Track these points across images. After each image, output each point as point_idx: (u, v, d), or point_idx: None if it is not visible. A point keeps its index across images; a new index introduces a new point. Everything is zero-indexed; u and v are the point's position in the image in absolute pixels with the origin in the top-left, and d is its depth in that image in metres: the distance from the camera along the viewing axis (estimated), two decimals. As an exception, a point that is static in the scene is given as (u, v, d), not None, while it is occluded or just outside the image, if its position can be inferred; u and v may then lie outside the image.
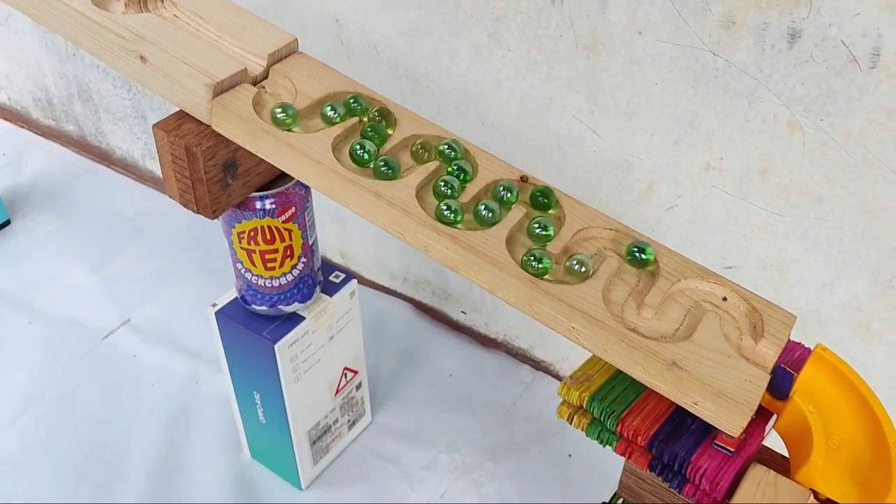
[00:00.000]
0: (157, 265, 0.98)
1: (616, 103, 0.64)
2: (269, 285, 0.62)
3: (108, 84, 1.04)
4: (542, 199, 0.49)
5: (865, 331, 0.62)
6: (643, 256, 0.47)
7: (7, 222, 1.03)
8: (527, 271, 0.46)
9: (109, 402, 0.82)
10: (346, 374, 0.73)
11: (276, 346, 0.63)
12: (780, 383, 0.43)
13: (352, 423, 0.77)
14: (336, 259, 0.97)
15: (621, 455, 0.45)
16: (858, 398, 0.43)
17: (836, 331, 0.63)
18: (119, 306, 0.93)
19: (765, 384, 0.43)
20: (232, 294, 0.66)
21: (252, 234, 0.59)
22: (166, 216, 1.05)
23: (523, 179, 0.51)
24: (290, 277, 0.62)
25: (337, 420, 0.75)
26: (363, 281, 0.95)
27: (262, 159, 0.52)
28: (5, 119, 1.22)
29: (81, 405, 0.82)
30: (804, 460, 0.42)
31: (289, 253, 0.61)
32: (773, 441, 0.46)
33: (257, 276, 0.62)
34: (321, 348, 0.68)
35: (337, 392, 0.73)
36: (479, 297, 0.86)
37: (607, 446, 0.46)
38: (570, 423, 0.47)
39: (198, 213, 0.55)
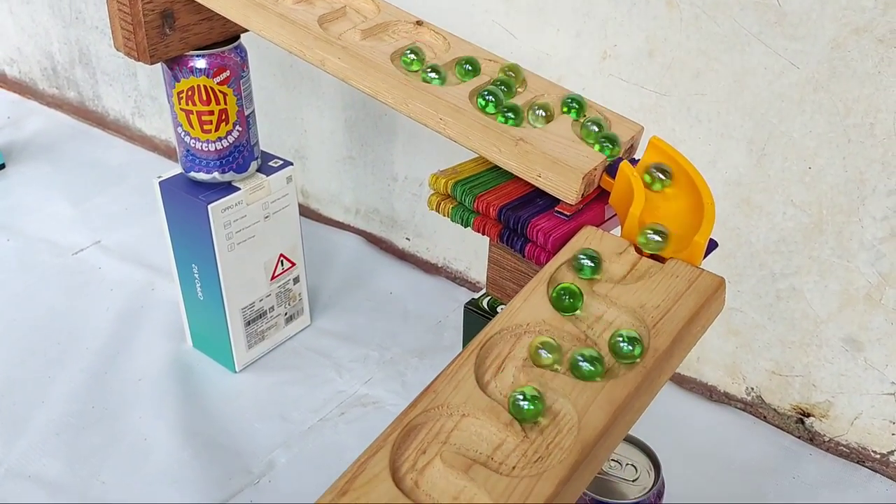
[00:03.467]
0: (133, 203, 1.06)
1: (527, 1, 0.71)
2: (206, 149, 0.69)
3: (105, 45, 1.14)
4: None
5: (747, 205, 0.67)
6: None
7: (2, 166, 1.12)
8: (402, 70, 0.52)
9: (70, 300, 0.88)
10: (282, 262, 0.79)
11: (209, 207, 0.69)
12: (614, 164, 0.49)
13: (289, 318, 0.82)
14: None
15: (477, 231, 0.50)
16: (684, 175, 0.48)
17: (721, 209, 0.68)
18: (92, 231, 1.00)
19: (599, 161, 0.49)
20: (176, 170, 0.73)
21: (189, 93, 0.66)
22: (146, 166, 1.14)
23: (418, 23, 0.58)
24: (225, 143, 0.69)
25: (273, 308, 0.80)
26: (321, 218, 1.02)
27: (200, 19, 0.59)
28: (15, 91, 1.33)
29: (44, 301, 0.88)
30: (627, 219, 0.47)
31: (224, 117, 0.68)
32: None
33: (195, 139, 0.68)
34: (256, 224, 0.74)
35: (273, 277, 0.78)
36: (420, 222, 0.92)
37: (468, 227, 0.51)
38: (438, 211, 0.52)
39: (138, 59, 0.62)
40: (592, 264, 0.44)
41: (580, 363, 0.39)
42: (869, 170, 0.60)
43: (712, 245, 0.48)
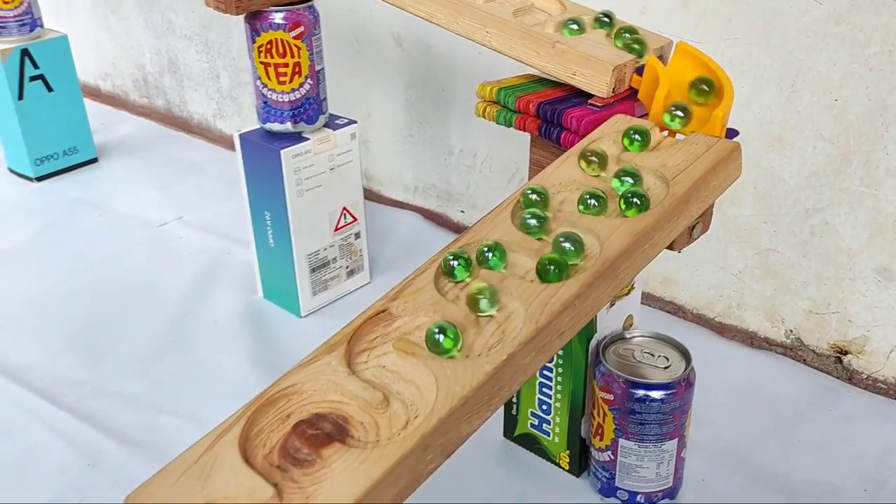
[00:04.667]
0: (212, 189, 1.15)
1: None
2: (281, 100, 0.77)
3: (192, 51, 1.26)
4: None
5: (779, 143, 0.71)
6: None
7: (95, 159, 1.23)
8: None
9: (155, 261, 0.97)
10: (345, 215, 0.85)
11: (282, 152, 0.77)
12: (643, 66, 0.54)
13: (350, 272, 0.89)
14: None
15: (518, 128, 0.56)
16: (706, 67, 0.53)
17: (756, 150, 0.72)
18: (175, 210, 1.09)
19: (629, 59, 0.54)
20: (255, 125, 0.81)
21: (268, 46, 0.75)
22: (225, 161, 1.23)
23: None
24: (297, 95, 0.77)
25: (336, 259, 0.86)
26: (382, 199, 1.09)
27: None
28: (107, 104, 1.46)
29: (131, 262, 0.97)
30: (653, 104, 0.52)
31: (297, 70, 0.76)
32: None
33: (271, 90, 0.77)
34: (322, 175, 0.81)
35: (336, 229, 0.85)
36: (474, 194, 0.98)
37: (510, 127, 0.57)
38: (484, 116, 0.58)
39: (225, 11, 0.71)
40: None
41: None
42: (890, 97, 0.64)
43: (733, 133, 0.53)
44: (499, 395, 0.38)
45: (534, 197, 0.46)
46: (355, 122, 0.83)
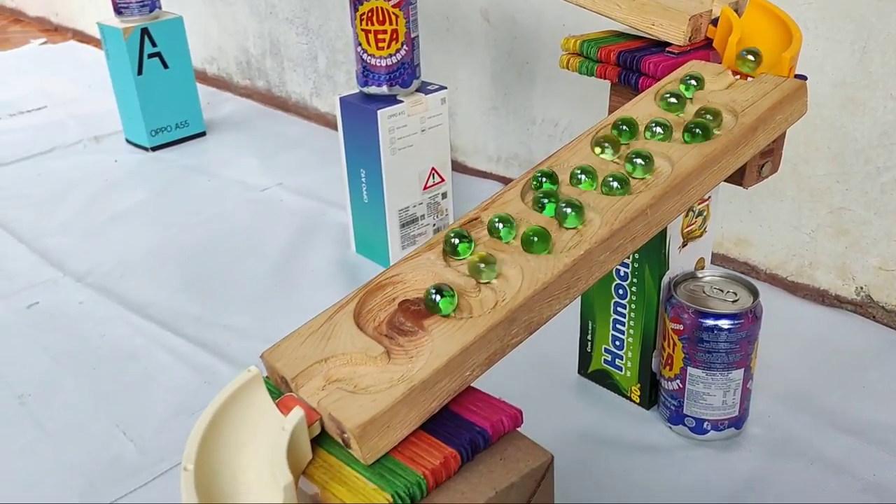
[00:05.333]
0: (309, 160, 1.23)
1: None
2: (379, 64, 0.84)
3: (293, 34, 1.35)
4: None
5: (852, 103, 0.74)
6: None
7: (203, 133, 1.33)
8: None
9: (257, 220, 1.05)
10: (433, 175, 0.92)
11: (378, 112, 0.84)
12: (718, 18, 0.59)
13: (437, 230, 0.95)
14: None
15: (599, 77, 0.61)
16: (777, 18, 0.57)
17: (829, 110, 0.75)
18: (275, 177, 1.18)
19: (706, 9, 0.58)
20: (355, 90, 0.89)
21: (369, 14, 0.82)
22: (320, 136, 1.32)
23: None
24: (394, 60, 0.84)
25: (423, 216, 0.93)
26: (466, 170, 1.15)
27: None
28: (212, 86, 1.57)
29: (235, 220, 1.06)
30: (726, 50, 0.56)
31: (395, 36, 0.83)
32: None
33: (371, 55, 0.84)
34: (414, 135, 0.88)
35: (425, 188, 0.91)
36: (555, 163, 1.03)
37: (591, 76, 0.62)
38: (567, 67, 0.63)
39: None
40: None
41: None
42: (964, 54, 0.66)
43: (801, 77, 0.56)
44: (576, 286, 0.44)
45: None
46: (445, 87, 0.90)
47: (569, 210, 0.45)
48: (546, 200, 0.47)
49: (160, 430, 0.69)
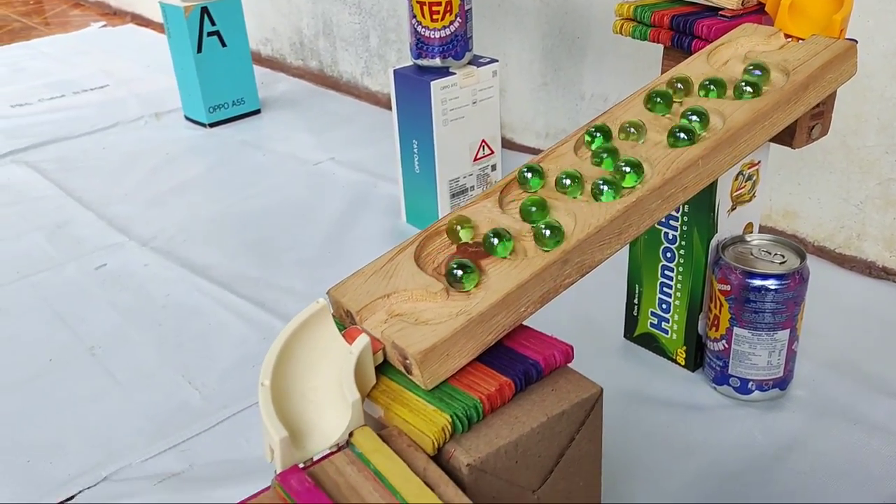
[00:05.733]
0: (360, 137, 1.26)
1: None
2: (432, 36, 0.86)
3: (346, 14, 1.38)
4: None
5: (905, 73, 0.74)
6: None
7: (258, 110, 1.37)
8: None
9: (310, 192, 1.09)
10: (483, 147, 0.94)
11: (431, 83, 0.86)
12: (771, -19, 0.60)
13: (486, 201, 0.97)
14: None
15: (653, 41, 0.63)
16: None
17: (879, 81, 0.75)
18: (328, 152, 1.21)
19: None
20: (407, 58, 0.91)
21: (425, -13, 0.84)
22: (371, 114, 1.35)
23: None
24: (447, 32, 0.86)
25: (473, 187, 0.95)
26: (514, 146, 1.17)
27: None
28: (266, 67, 1.61)
29: (290, 193, 1.09)
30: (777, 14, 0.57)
31: (449, 8, 0.85)
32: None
33: (425, 27, 0.86)
34: (465, 107, 0.90)
35: (475, 159, 0.94)
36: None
37: (644, 40, 0.63)
38: (621, 32, 0.65)
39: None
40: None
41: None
42: None
43: (852, 41, 0.57)
44: (627, 231, 0.45)
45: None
46: (497, 60, 0.92)
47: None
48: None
49: (223, 380, 0.73)
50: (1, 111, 1.43)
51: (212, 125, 1.32)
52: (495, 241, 0.44)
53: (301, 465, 0.37)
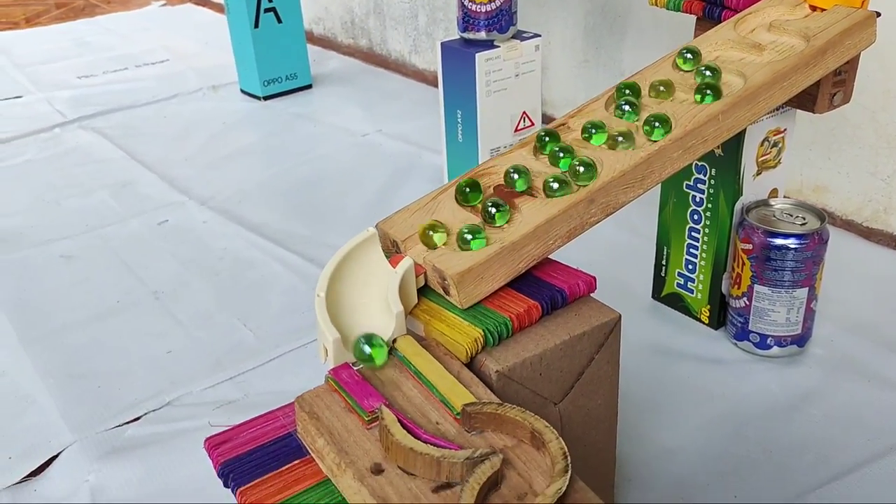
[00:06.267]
0: (407, 111, 1.32)
1: None
2: (479, 10, 0.91)
3: (395, -7, 1.43)
4: None
5: (935, 49, 0.76)
6: None
7: (310, 85, 1.43)
8: None
9: (358, 161, 1.14)
10: (524, 119, 0.98)
11: (476, 55, 0.91)
12: (800, -45, 0.63)
13: (525, 171, 1.01)
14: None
15: (685, 11, 0.66)
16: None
17: (912, 57, 0.78)
18: (376, 124, 1.26)
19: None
20: (454, 36, 0.96)
21: (473, -37, 0.89)
22: (418, 91, 1.40)
23: None
24: (493, 6, 0.90)
25: (514, 157, 0.99)
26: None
27: None
28: (318, 46, 1.67)
29: (339, 161, 1.15)
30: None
31: (495, -16, 0.90)
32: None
33: (471, 2, 0.90)
34: (508, 79, 0.94)
35: (516, 130, 0.98)
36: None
37: (679, 11, 0.67)
38: (656, 5, 0.69)
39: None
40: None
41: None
42: None
43: (875, 14, 0.60)
44: (650, 177, 0.50)
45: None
46: (540, 35, 0.96)
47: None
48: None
49: (275, 324, 0.78)
50: (69, 82, 1.51)
51: (266, 98, 1.38)
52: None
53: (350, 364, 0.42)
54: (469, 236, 0.46)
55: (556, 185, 0.48)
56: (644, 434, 0.63)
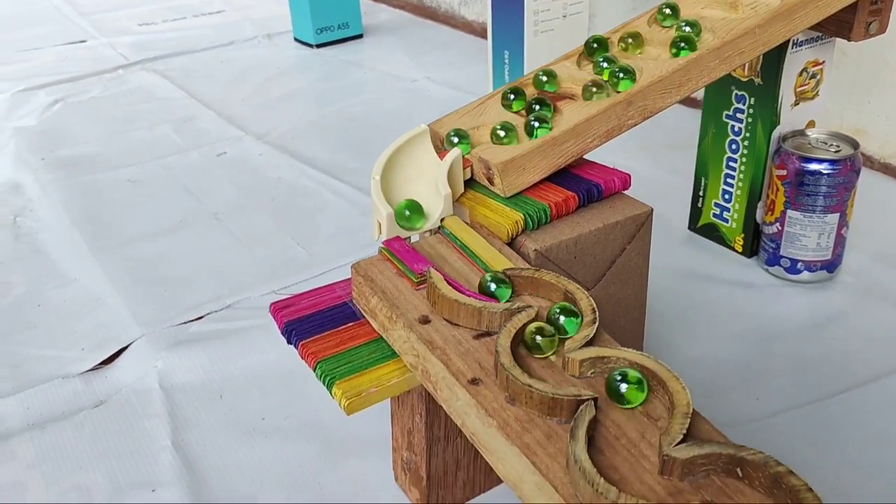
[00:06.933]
0: (454, 59, 1.35)
1: None
2: (529, -49, 0.93)
3: (446, -54, 1.46)
4: None
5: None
6: None
7: (361, 35, 1.47)
8: None
9: (406, 104, 1.18)
10: (570, 60, 1.01)
11: (525, -5, 0.94)
12: None
13: (569, 113, 1.04)
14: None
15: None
16: None
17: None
18: (423, 71, 1.30)
19: None
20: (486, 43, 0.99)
21: None
22: (466, 42, 1.43)
23: None
24: (543, -52, 0.93)
25: (558, 98, 1.02)
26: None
27: None
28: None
29: (387, 104, 1.19)
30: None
31: (545, -75, 0.92)
32: None
33: (522, -57, 0.93)
34: (555, 20, 0.97)
35: (562, 71, 1.01)
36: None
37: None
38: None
39: None
40: None
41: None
42: None
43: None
44: (687, 84, 0.53)
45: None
46: (587, -22, 0.98)
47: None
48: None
49: (326, 244, 0.83)
50: (130, 28, 1.57)
51: (318, 46, 1.42)
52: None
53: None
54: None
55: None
56: (672, 344, 0.66)
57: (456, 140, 0.50)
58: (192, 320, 0.72)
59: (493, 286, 0.41)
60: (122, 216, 0.90)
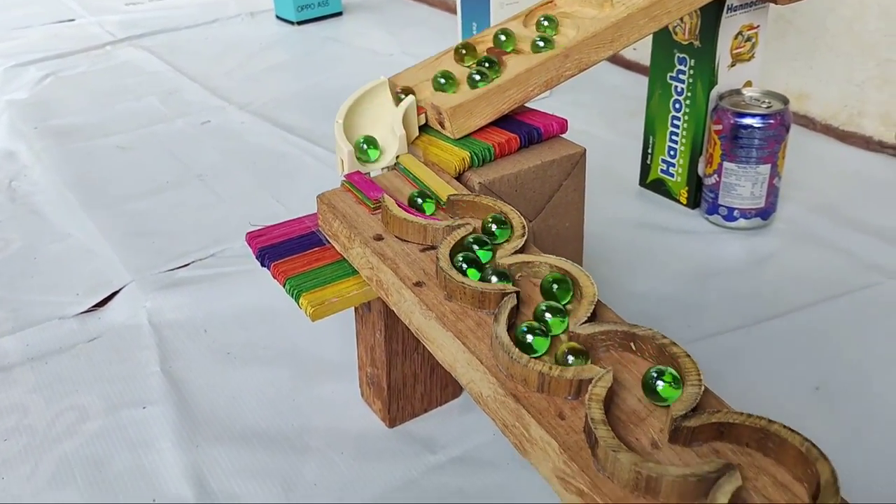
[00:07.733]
0: (429, 36, 1.41)
1: None
2: (493, -72, 0.99)
3: (422, -74, 1.51)
4: None
5: (905, -41, 0.84)
6: None
7: (340, 13, 1.52)
8: None
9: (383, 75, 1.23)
10: (535, 32, 1.07)
11: (490, -31, 1.00)
12: None
13: (535, 82, 1.10)
14: None
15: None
16: None
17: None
18: (400, 46, 1.36)
19: None
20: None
21: None
22: (441, 19, 1.49)
23: None
24: (506, -76, 0.99)
25: (524, 68, 1.08)
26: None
27: None
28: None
29: (365, 76, 1.24)
30: None
31: None
32: None
33: (487, -80, 0.99)
34: (520, -7, 1.03)
35: (527, 42, 1.07)
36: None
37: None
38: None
39: None
40: None
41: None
42: None
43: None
44: (619, 40, 0.59)
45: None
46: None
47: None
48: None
49: (305, 201, 0.88)
50: (117, 8, 1.62)
51: (299, 23, 1.47)
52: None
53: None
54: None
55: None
56: (617, 282, 0.73)
57: (365, 147, 0.54)
58: (178, 267, 0.78)
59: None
60: (112, 178, 0.96)
